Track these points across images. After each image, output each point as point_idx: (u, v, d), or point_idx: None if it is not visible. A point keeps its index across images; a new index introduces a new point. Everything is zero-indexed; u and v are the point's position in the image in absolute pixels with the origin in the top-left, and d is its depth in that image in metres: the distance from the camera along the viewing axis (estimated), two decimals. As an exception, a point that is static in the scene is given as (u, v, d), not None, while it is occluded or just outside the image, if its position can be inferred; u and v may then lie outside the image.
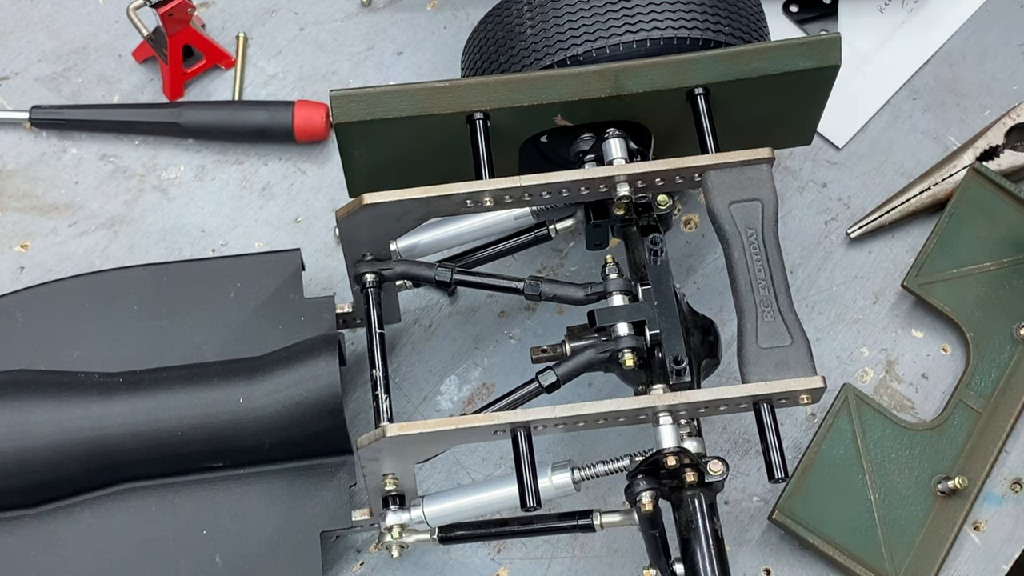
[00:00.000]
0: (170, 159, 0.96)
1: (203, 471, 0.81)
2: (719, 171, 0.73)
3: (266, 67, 0.99)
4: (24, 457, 0.78)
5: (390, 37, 1.00)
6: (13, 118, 0.96)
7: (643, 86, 0.76)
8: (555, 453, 0.87)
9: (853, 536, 0.83)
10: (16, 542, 0.79)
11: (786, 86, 0.77)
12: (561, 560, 0.85)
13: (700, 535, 0.71)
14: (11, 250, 0.93)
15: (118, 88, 0.98)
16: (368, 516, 0.80)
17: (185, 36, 0.94)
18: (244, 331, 0.84)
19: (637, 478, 0.71)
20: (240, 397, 0.80)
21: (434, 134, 0.77)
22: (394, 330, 0.90)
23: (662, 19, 0.78)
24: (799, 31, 1.00)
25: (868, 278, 0.93)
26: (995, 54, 0.99)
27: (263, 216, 0.94)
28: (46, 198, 0.94)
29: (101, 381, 0.81)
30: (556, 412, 0.69)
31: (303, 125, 0.94)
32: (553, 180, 0.74)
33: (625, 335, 0.73)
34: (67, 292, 0.85)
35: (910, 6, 1.01)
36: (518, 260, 0.92)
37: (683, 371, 0.72)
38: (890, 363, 0.90)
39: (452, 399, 0.89)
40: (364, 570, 0.84)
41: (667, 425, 0.70)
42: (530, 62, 0.79)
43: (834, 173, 0.96)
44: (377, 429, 0.70)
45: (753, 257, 0.71)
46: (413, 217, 0.75)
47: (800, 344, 0.69)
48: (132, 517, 0.80)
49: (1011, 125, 0.95)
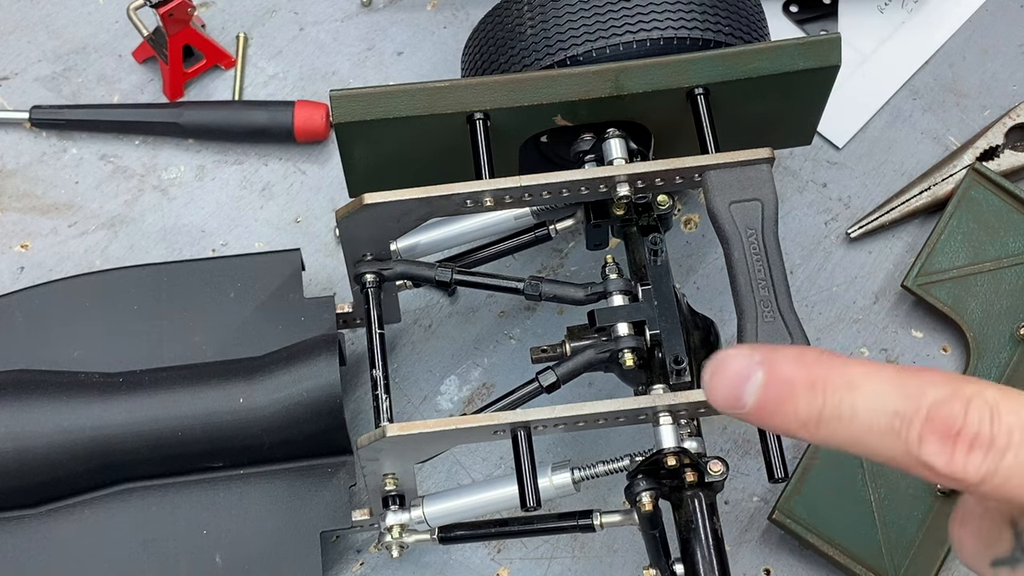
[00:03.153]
0: (170, 159, 0.96)
1: (203, 471, 0.81)
2: (719, 171, 0.73)
3: (266, 67, 0.99)
4: (24, 457, 0.78)
5: (390, 37, 1.00)
6: (13, 118, 0.96)
7: (643, 86, 0.76)
8: (555, 453, 0.87)
9: (853, 536, 0.83)
10: (16, 542, 0.79)
11: (786, 86, 0.77)
12: (561, 560, 0.85)
13: (700, 535, 0.71)
14: (11, 250, 0.93)
15: (118, 88, 0.98)
16: (368, 516, 0.80)
17: (185, 36, 0.94)
18: (244, 331, 0.84)
19: (637, 478, 0.72)
20: (240, 397, 0.80)
21: (434, 134, 0.77)
22: (394, 330, 0.90)
23: (662, 19, 0.78)
24: (799, 31, 1.00)
25: (868, 278, 0.93)
26: (995, 54, 0.99)
27: (263, 216, 0.94)
28: (46, 198, 0.94)
29: (101, 381, 0.81)
30: (556, 412, 0.69)
31: (303, 125, 0.94)
32: (553, 180, 0.74)
33: (625, 335, 0.73)
34: (67, 292, 0.85)
35: (910, 6, 1.01)
36: (518, 260, 0.92)
37: (683, 371, 0.72)
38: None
39: (452, 399, 0.89)
40: (364, 570, 0.84)
41: (667, 425, 0.70)
42: (530, 62, 0.79)
43: (834, 173, 0.96)
44: (377, 429, 0.70)
45: (753, 257, 0.71)
46: (413, 217, 0.75)
47: (800, 344, 0.69)
48: (132, 517, 0.80)
49: (1011, 125, 0.95)
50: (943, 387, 0.48)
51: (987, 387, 0.48)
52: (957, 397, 0.48)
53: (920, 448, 0.48)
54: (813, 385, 0.50)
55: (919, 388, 0.48)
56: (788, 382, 0.50)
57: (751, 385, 0.51)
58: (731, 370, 0.51)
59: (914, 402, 0.48)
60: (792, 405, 0.50)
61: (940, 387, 0.48)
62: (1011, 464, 0.47)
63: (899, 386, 0.49)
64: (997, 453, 0.47)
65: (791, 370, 0.50)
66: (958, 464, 0.47)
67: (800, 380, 0.50)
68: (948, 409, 0.48)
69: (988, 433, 0.47)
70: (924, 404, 0.48)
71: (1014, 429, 0.47)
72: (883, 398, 0.49)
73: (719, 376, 0.52)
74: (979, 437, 0.47)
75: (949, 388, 0.48)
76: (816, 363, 0.50)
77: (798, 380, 0.50)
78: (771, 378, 0.51)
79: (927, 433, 0.48)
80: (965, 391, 0.48)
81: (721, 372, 0.51)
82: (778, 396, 0.50)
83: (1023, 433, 0.47)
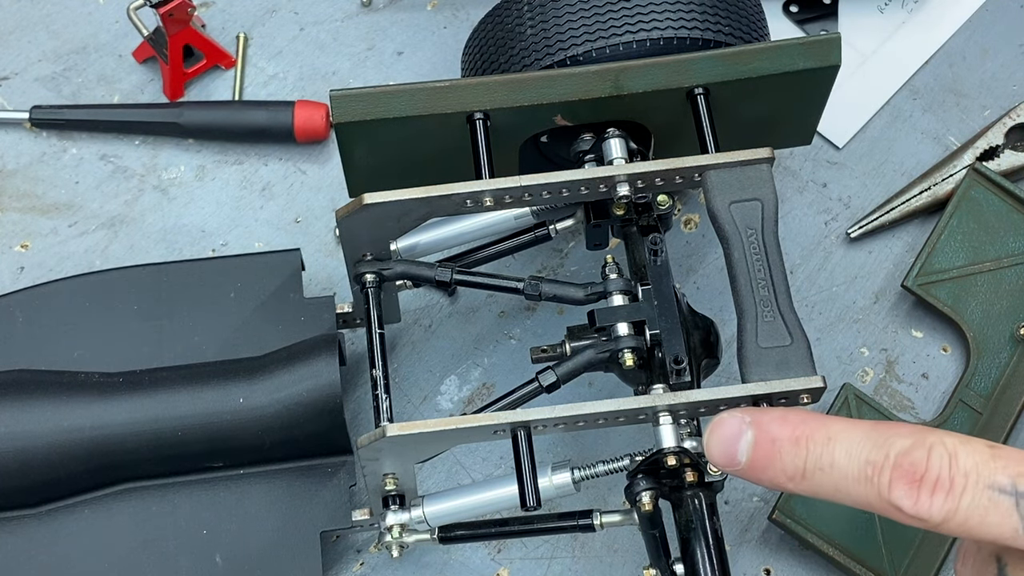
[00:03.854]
0: (170, 159, 0.96)
1: (203, 471, 0.81)
2: (719, 171, 0.73)
3: (266, 67, 0.99)
4: (24, 457, 0.78)
5: (390, 37, 1.00)
6: (13, 118, 0.96)
7: (643, 86, 0.76)
8: (555, 453, 0.87)
9: (853, 536, 0.83)
10: (16, 542, 0.79)
11: (786, 86, 0.77)
12: (561, 560, 0.85)
13: (700, 535, 0.71)
14: (11, 250, 0.93)
15: (118, 88, 0.98)
16: (368, 516, 0.80)
17: (185, 36, 0.94)
18: (244, 331, 0.84)
19: (637, 478, 0.72)
20: (240, 397, 0.80)
21: (434, 134, 0.77)
22: (394, 330, 0.90)
23: (662, 19, 0.78)
24: (799, 31, 1.00)
25: (868, 278, 0.93)
26: (995, 54, 0.99)
27: (263, 216, 0.94)
28: (46, 198, 0.94)
29: (101, 381, 0.81)
30: (556, 412, 0.69)
31: (303, 125, 0.94)
32: (553, 180, 0.74)
33: (625, 335, 0.73)
34: (67, 292, 0.85)
35: (910, 6, 1.01)
36: (518, 260, 0.92)
37: (683, 371, 0.72)
38: (890, 363, 0.90)
39: (452, 399, 0.89)
40: (364, 570, 0.84)
41: (667, 425, 0.70)
42: (530, 62, 0.79)
43: (834, 173, 0.96)
44: (377, 429, 0.70)
45: (753, 257, 0.71)
46: (413, 217, 0.75)
47: (800, 344, 0.69)
48: (132, 517, 0.80)
49: (1011, 125, 0.95)
50: (908, 437, 0.55)
51: (947, 436, 0.54)
52: (920, 445, 0.54)
53: (890, 492, 0.54)
54: (797, 441, 0.57)
55: (887, 439, 0.55)
56: (775, 440, 0.58)
57: (743, 444, 0.58)
58: (726, 430, 0.59)
59: (883, 451, 0.55)
60: (780, 461, 0.57)
61: (905, 437, 0.55)
62: (969, 504, 0.53)
63: (870, 438, 0.55)
64: (955, 494, 0.53)
65: (777, 429, 0.58)
66: (923, 506, 0.53)
67: (786, 437, 0.57)
68: (912, 456, 0.54)
69: (947, 477, 0.53)
70: (892, 452, 0.55)
71: (970, 472, 0.53)
72: (857, 448, 0.55)
73: (715, 435, 0.60)
74: (939, 481, 0.53)
75: (913, 438, 0.54)
76: (800, 422, 0.58)
77: (784, 438, 0.57)
78: (760, 436, 0.58)
79: (895, 479, 0.54)
80: (927, 440, 0.54)
81: (718, 433, 0.59)
82: (768, 453, 0.58)
83: (978, 475, 0.53)
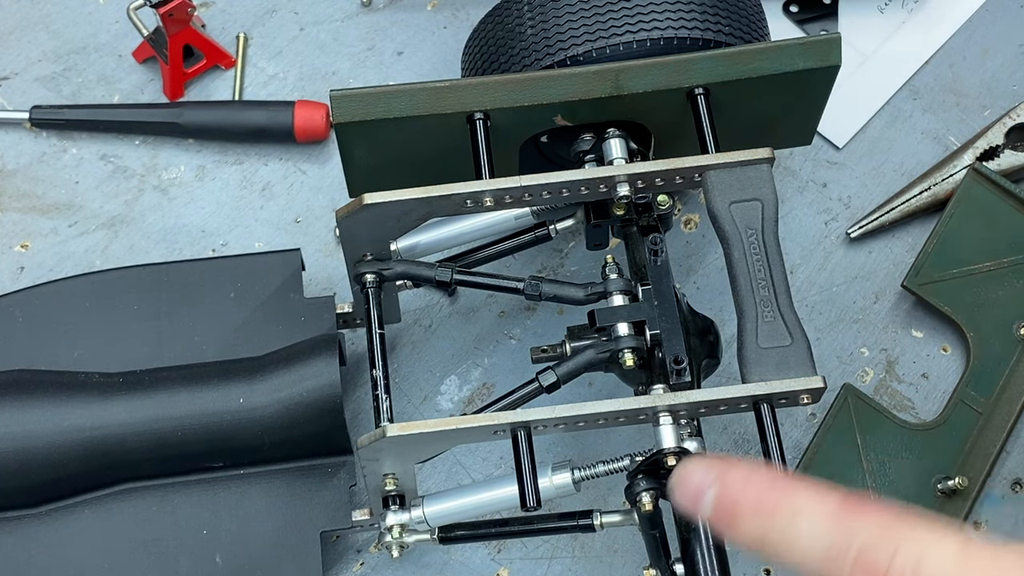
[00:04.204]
0: (170, 159, 0.96)
1: (203, 471, 0.81)
2: (719, 171, 0.73)
3: (266, 67, 0.99)
4: (24, 457, 0.78)
5: (390, 37, 1.00)
6: (13, 118, 0.96)
7: (643, 86, 0.76)
8: (555, 453, 0.87)
9: (853, 536, 0.82)
10: (16, 542, 0.79)
11: (786, 86, 0.77)
12: (561, 560, 0.85)
13: (700, 535, 0.71)
14: (11, 250, 0.93)
15: (118, 88, 0.98)
16: (368, 516, 0.80)
17: (185, 36, 0.94)
18: (244, 331, 0.84)
19: (637, 478, 0.71)
20: (240, 397, 0.80)
21: (434, 134, 0.77)
22: (394, 330, 0.90)
23: (662, 19, 0.78)
24: (799, 31, 1.00)
25: (868, 278, 0.93)
26: (995, 54, 0.99)
27: (263, 216, 0.94)
28: (46, 198, 0.94)
29: (101, 381, 0.81)
30: (556, 412, 0.69)
31: (303, 125, 0.94)
32: (553, 180, 0.74)
33: (625, 335, 0.73)
34: (67, 292, 0.85)
35: (910, 6, 1.01)
36: (518, 260, 0.92)
37: (683, 371, 0.72)
38: (890, 363, 0.90)
39: (452, 399, 0.89)
40: (364, 570, 0.84)
41: (667, 425, 0.70)
42: (530, 62, 0.79)
43: (834, 173, 0.96)
44: (377, 429, 0.70)
45: (753, 257, 0.71)
46: (413, 217, 0.75)
47: (800, 344, 0.69)
48: (132, 517, 0.80)
49: (1011, 125, 0.95)
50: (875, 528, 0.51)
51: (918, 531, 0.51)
52: (885, 542, 0.51)
53: None
54: (759, 511, 0.54)
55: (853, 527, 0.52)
56: (735, 503, 0.55)
57: (707, 499, 0.56)
58: (691, 482, 0.57)
59: (847, 539, 0.51)
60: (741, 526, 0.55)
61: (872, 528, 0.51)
62: None
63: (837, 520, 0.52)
64: None
65: (738, 491, 0.55)
66: None
67: (747, 503, 0.55)
68: (876, 555, 0.51)
69: None
70: (855, 544, 0.51)
71: None
72: (821, 531, 0.52)
73: (682, 487, 0.57)
74: None
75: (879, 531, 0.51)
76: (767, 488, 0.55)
77: (745, 503, 0.55)
78: (723, 496, 0.56)
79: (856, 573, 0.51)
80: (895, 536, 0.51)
81: (683, 484, 0.57)
82: (729, 515, 0.55)
83: None
